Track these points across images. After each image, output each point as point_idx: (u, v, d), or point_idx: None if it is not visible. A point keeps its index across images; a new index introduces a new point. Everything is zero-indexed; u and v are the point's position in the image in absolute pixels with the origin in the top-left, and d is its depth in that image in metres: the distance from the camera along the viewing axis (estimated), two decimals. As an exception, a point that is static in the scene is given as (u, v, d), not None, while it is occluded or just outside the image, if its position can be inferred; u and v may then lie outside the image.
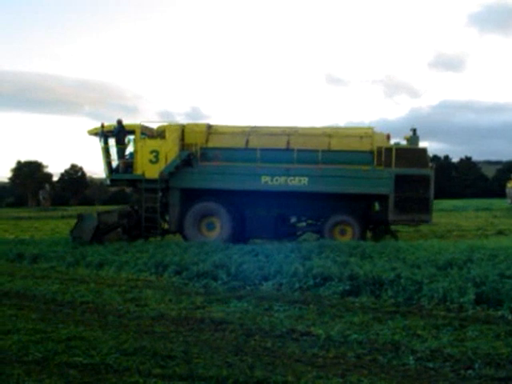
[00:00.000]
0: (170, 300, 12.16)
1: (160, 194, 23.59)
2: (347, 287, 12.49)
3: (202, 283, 13.95)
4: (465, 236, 25.50)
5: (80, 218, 22.92)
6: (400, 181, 21.79)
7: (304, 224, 23.74)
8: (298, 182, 22.27)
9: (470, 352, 8.14)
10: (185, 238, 23.16)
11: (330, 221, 22.43)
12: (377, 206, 23.41)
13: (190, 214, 23.11)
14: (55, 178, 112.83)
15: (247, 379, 7.12)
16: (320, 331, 9.34)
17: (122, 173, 24.13)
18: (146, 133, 24.19)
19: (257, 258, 16.05)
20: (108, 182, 24.86)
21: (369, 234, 23.86)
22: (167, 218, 24.21)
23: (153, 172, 23.18)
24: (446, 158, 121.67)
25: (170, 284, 14.27)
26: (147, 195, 23.52)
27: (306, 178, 22.25)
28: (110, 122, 24.20)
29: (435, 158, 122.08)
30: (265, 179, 22.44)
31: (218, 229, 23.06)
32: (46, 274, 16.35)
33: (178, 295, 12.69)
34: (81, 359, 8.01)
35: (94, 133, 24.41)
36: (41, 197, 72.40)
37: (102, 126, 23.96)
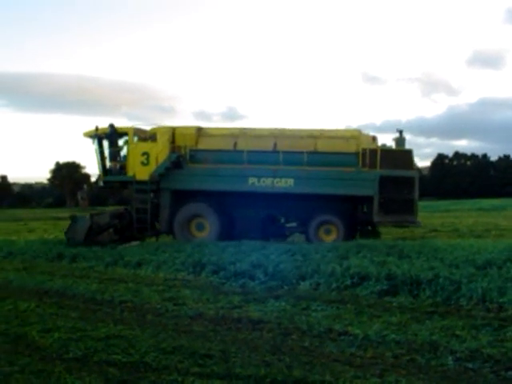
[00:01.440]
0: (208, 299, 12.22)
1: (152, 195, 24.15)
2: (385, 287, 12.40)
3: (240, 283, 13.98)
4: (504, 235, 25.17)
5: (73, 219, 23.44)
6: (384, 182, 21.94)
7: (294, 224, 23.93)
8: (284, 184, 22.57)
9: (509, 353, 8.05)
10: (175, 238, 23.63)
11: (315, 221, 22.66)
12: (365, 208, 23.51)
13: (179, 214, 23.60)
14: (93, 179, 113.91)
15: (285, 378, 7.13)
16: (358, 331, 9.31)
17: (115, 175, 24.72)
18: (140, 135, 24.66)
19: (294, 258, 16.04)
20: (101, 183, 25.39)
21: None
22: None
23: (144, 174, 23.68)
24: (485, 156, 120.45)
25: (208, 283, 14.32)
26: (138, 196, 24.07)
27: (292, 180, 22.54)
28: (147, 123, 24.66)
29: (473, 156, 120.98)
30: (252, 181, 22.79)
31: (207, 229, 23.45)
32: (85, 273, 16.55)
33: (216, 294, 12.74)
34: (120, 357, 8.11)
35: (89, 135, 24.78)
36: (79, 197, 73.23)
37: (97, 129, 24.37)
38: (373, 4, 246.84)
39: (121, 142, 24.78)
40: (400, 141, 23.06)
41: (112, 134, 24.30)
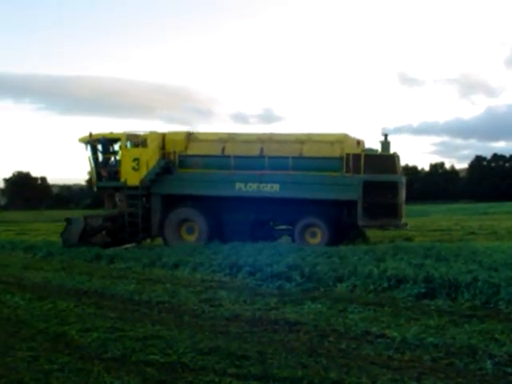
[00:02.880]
0: (245, 301, 12.24)
1: (144, 200, 24.73)
2: (422, 290, 12.30)
3: (276, 284, 13.98)
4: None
5: (68, 221, 24.24)
6: (368, 187, 21.96)
7: (283, 227, 24.26)
8: (270, 188, 22.83)
9: (550, 357, 7.94)
10: (165, 241, 24.02)
11: (300, 224, 22.83)
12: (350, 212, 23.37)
13: (169, 218, 23.98)
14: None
15: (322, 380, 7.13)
16: (395, 334, 9.25)
17: (106, 180, 25.38)
18: (133, 141, 25.00)
19: (331, 260, 16.01)
20: (95, 188, 26.23)
21: None
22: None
23: (135, 179, 24.16)
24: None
25: (244, 285, 14.36)
26: (130, 201, 24.77)
27: (277, 185, 22.78)
28: (184, 125, 25.06)
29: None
30: (239, 185, 23.08)
31: (197, 233, 23.84)
32: (122, 274, 16.71)
33: (252, 296, 12.76)
34: (158, 357, 8.18)
35: (83, 141, 25.18)
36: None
37: (90, 135, 24.79)
38: (410, 4, 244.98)
39: (116, 148, 25.37)
40: (385, 145, 22.99)
41: (105, 140, 24.90)
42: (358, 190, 21.96)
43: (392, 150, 22.92)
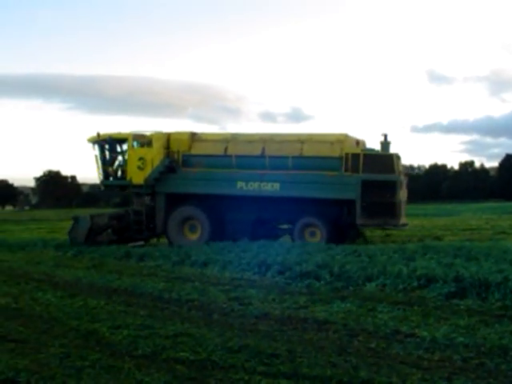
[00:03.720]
0: (274, 299, 12.28)
1: (149, 198, 25.37)
2: (452, 289, 12.22)
3: (305, 283, 13.99)
4: None
5: (75, 220, 25.04)
6: (367, 186, 22.13)
7: (285, 226, 24.46)
8: (271, 187, 23.17)
9: None
10: (169, 239, 24.56)
11: (300, 223, 23.09)
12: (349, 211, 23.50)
13: (173, 217, 24.46)
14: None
15: (351, 379, 7.12)
16: (425, 333, 9.21)
17: (113, 179, 26.17)
18: (140, 141, 25.58)
19: (360, 259, 15.98)
20: (102, 187, 27.35)
21: None
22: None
23: (140, 178, 24.70)
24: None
25: (273, 283, 14.39)
26: (134, 200, 25.51)
27: (278, 184, 23.12)
28: (213, 124, 25.44)
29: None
30: (240, 184, 23.45)
31: (199, 231, 24.28)
32: (152, 272, 16.85)
33: (282, 295, 12.78)
34: (187, 355, 8.22)
35: (91, 141, 25.71)
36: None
37: (98, 136, 25.35)
38: (440, 1, 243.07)
39: (124, 147, 25.84)
40: (385, 145, 23.20)
41: (111, 140, 25.54)
42: (357, 189, 22.20)
43: (392, 151, 23.28)
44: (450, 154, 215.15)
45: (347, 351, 8.40)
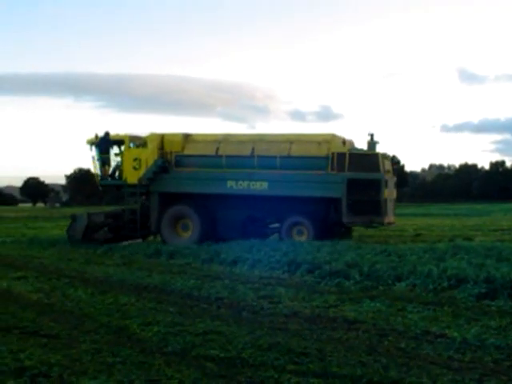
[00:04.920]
0: (303, 298, 12.29)
1: (143, 197, 26.24)
2: (483, 290, 12.12)
3: (335, 282, 13.99)
4: None
5: (73, 218, 25.78)
6: (352, 185, 22.54)
7: (276, 225, 24.64)
8: (259, 186, 23.72)
9: None
10: (162, 237, 25.14)
11: (287, 222, 23.57)
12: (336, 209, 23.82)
13: (166, 216, 25.01)
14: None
15: (381, 379, 7.09)
16: (455, 334, 9.16)
17: (107, 179, 26.85)
18: (136, 142, 26.40)
19: (389, 258, 15.94)
20: (99, 186, 28.46)
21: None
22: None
23: (135, 178, 25.38)
24: None
25: (303, 282, 14.41)
26: (129, 199, 26.39)
27: (266, 183, 23.66)
28: (241, 122, 25.96)
29: None
30: (230, 184, 24.07)
31: (191, 230, 24.81)
32: (181, 269, 16.97)
33: (311, 293, 12.80)
34: (217, 352, 8.25)
35: (90, 143, 26.49)
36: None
37: (96, 137, 26.17)
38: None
39: (122, 149, 26.49)
40: (371, 144, 23.57)
41: (106, 141, 26.14)
42: (342, 188, 22.61)
43: (379, 150, 23.55)
44: (481, 153, 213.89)
45: (377, 351, 8.38)
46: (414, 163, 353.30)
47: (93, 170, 27.19)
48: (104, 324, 10.21)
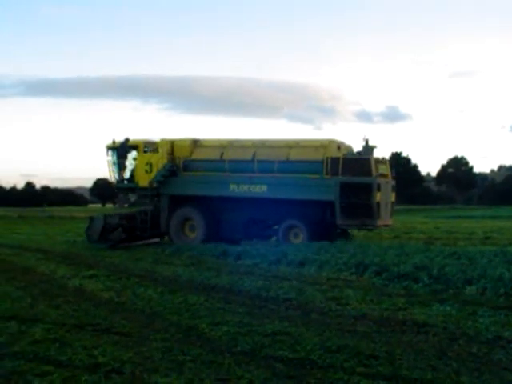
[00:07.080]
0: (371, 300, 12.23)
1: (156, 199, 27.36)
2: (557, 295, 11.87)
3: (403, 285, 13.87)
4: None
5: (91, 219, 27.21)
6: (345, 188, 23.21)
7: (277, 227, 25.21)
8: (259, 190, 24.77)
9: None
10: (170, 238, 26.70)
11: (284, 225, 24.53)
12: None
13: (174, 217, 26.46)
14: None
15: (453, 384, 7.02)
16: (529, 340, 8.99)
17: (123, 182, 28.36)
18: (150, 147, 27.83)
19: (459, 261, 15.72)
20: (116, 189, 30.55)
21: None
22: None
23: (146, 181, 26.83)
24: None
25: (371, 284, 14.34)
26: (141, 201, 28.33)
27: (265, 186, 24.69)
28: (307, 124, 26.48)
29: None
30: (232, 187, 25.22)
31: (197, 231, 26.11)
32: (249, 270, 17.08)
33: (379, 296, 12.72)
34: (286, 353, 8.31)
35: (109, 147, 28.05)
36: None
37: (114, 142, 27.74)
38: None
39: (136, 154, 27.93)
40: (365, 149, 24.14)
41: (125, 147, 27.58)
42: (336, 191, 23.27)
43: (376, 155, 24.24)
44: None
45: (447, 355, 8.28)
46: (482, 164, 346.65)
47: (108, 174, 28.50)
48: (174, 323, 10.37)
